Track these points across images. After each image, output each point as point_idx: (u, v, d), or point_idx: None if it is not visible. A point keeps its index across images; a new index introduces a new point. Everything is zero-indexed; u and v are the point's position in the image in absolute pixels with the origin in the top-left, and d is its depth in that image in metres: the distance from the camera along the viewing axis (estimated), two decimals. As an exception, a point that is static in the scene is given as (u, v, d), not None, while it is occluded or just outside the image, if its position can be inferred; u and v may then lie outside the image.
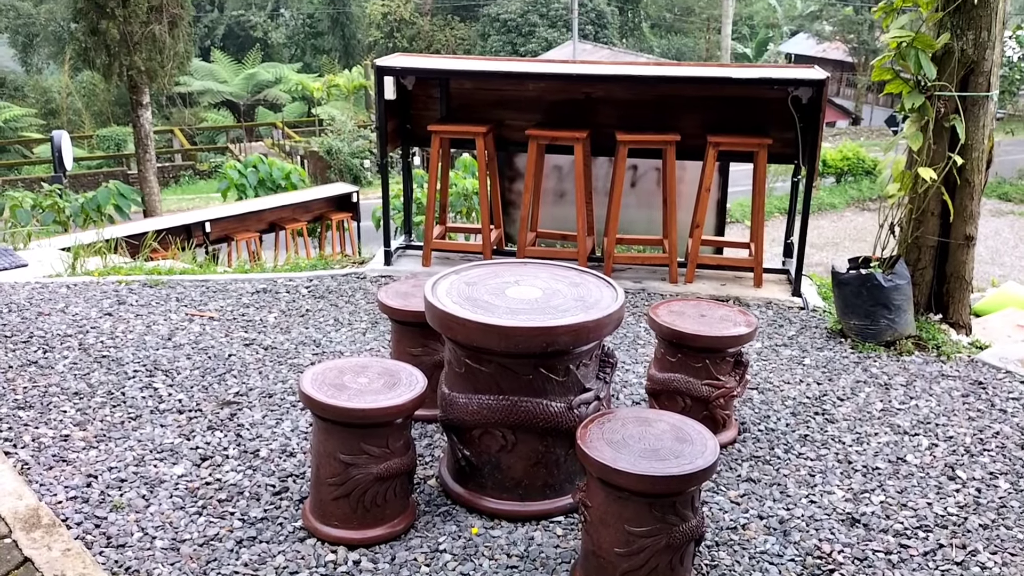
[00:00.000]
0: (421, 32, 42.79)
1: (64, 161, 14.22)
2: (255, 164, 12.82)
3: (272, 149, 30.41)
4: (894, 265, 4.23)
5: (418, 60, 5.68)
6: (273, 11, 43.91)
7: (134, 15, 12.28)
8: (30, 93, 34.95)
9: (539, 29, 39.28)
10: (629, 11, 46.97)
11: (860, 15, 33.02)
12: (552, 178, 6.31)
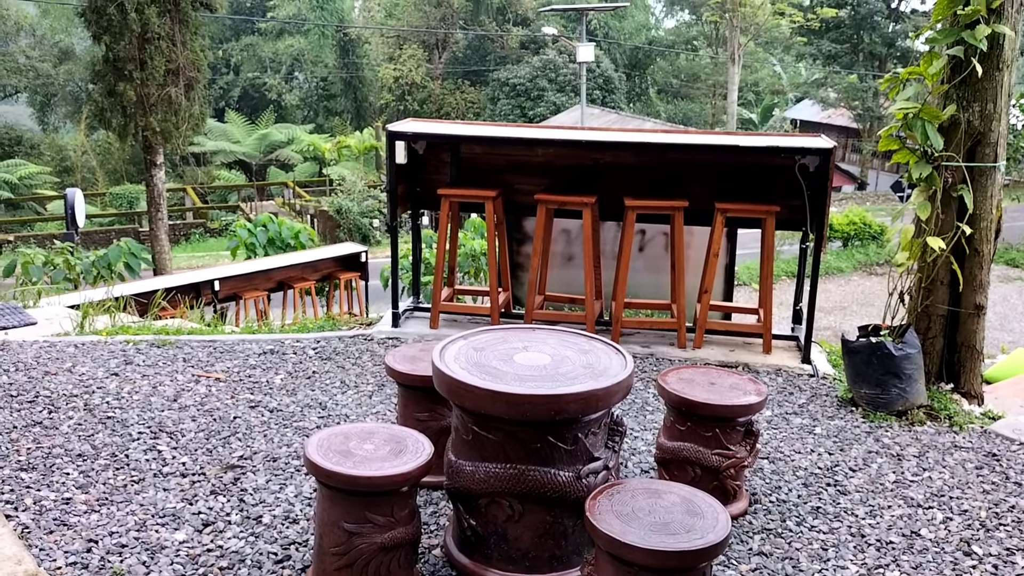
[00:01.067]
0: (432, 95, 43.58)
1: (76, 218, 14.39)
2: (265, 223, 12.94)
3: (283, 208, 30.74)
4: (904, 334, 4.21)
5: (429, 125, 5.76)
6: (288, 74, 44.82)
7: (151, 78, 12.56)
8: (46, 151, 35.55)
9: (548, 93, 39.95)
10: (636, 77, 47.84)
11: (864, 83, 33.54)
12: (560, 241, 6.34)
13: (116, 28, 12.38)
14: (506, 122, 39.86)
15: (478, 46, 44.92)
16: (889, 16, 35.40)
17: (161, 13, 12.67)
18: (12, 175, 29.98)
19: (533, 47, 42.43)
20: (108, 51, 12.54)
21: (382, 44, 44.65)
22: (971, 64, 4.00)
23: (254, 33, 45.38)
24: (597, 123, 35.35)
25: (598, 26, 44.30)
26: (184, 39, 13.02)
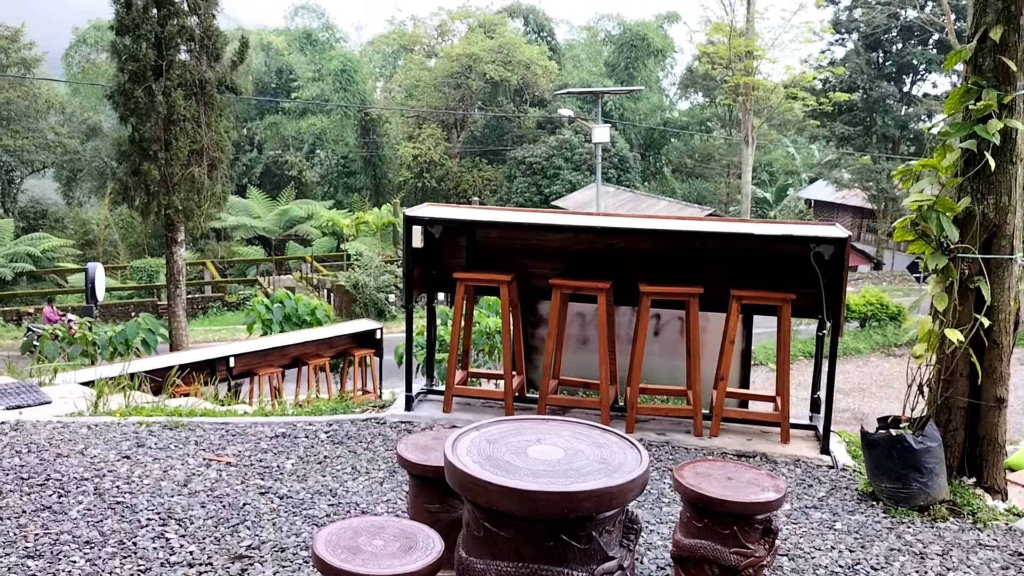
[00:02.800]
0: (450, 173, 44.34)
1: (96, 292, 14.54)
2: (282, 300, 13.02)
3: (300, 282, 31.00)
4: (924, 426, 4.14)
5: (445, 210, 5.84)
6: (310, 152, 45.79)
7: (175, 158, 12.86)
8: (70, 224, 36.23)
9: (563, 172, 40.54)
10: (651, 156, 48.55)
11: (878, 164, 33.84)
12: (575, 325, 6.33)
13: (143, 110, 12.75)
14: (522, 199, 40.41)
15: (496, 126, 45.84)
16: (901, 100, 35.93)
17: (187, 96, 13.05)
18: (36, 248, 30.49)
19: (549, 127, 43.26)
20: (134, 132, 12.88)
21: (402, 123, 45.67)
22: (984, 158, 4.03)
23: (278, 112, 46.56)
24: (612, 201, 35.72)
25: (613, 107, 45.17)
26: (209, 121, 13.37)
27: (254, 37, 46.93)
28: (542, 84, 44.31)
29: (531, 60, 43.65)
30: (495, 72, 42.47)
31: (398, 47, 49.58)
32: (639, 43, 49.12)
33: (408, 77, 46.14)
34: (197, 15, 13.37)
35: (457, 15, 48.19)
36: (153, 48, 12.97)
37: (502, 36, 44.47)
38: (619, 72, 48.84)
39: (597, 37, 55.58)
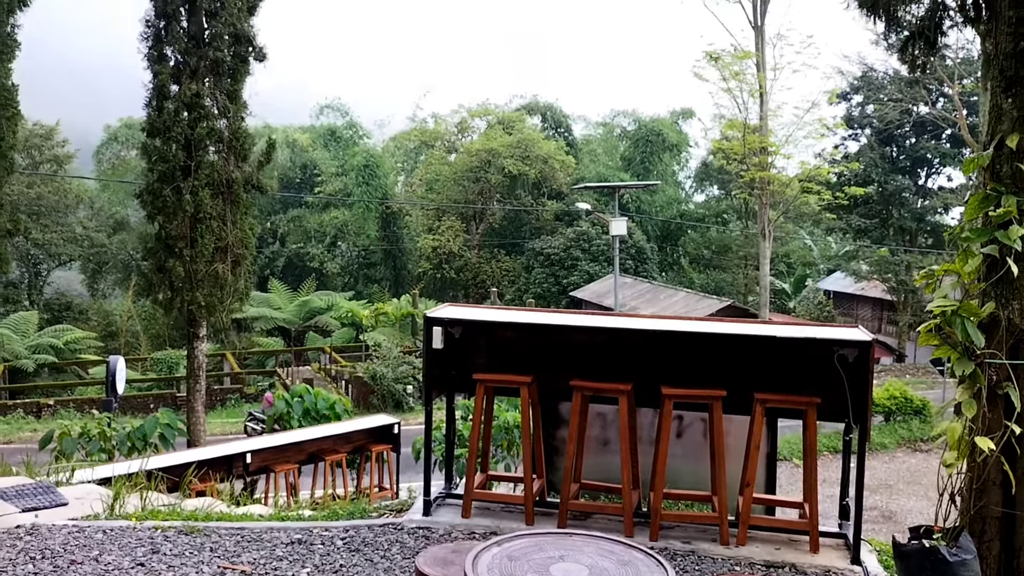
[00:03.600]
0: (468, 264, 44.79)
1: (116, 386, 14.58)
2: (301, 394, 13.01)
3: (319, 373, 31.02)
4: (958, 537, 4.00)
5: (466, 311, 5.86)
6: (331, 244, 46.50)
7: (200, 255, 13.09)
8: (93, 316, 36.67)
9: (581, 263, 40.86)
10: (668, 247, 48.91)
11: (895, 256, 33.84)
12: (596, 426, 6.25)
13: (171, 209, 13.07)
14: (540, 290, 40.61)
15: (514, 218, 46.50)
16: (917, 192, 36.18)
17: (214, 195, 13.38)
18: (59, 340, 30.80)
19: (567, 219, 43.83)
20: (161, 230, 13.17)
21: (422, 216, 46.46)
22: (1007, 264, 4.02)
23: (301, 206, 47.52)
24: (630, 292, 35.82)
25: (630, 199, 45.80)
26: (235, 218, 13.67)
27: (280, 134, 48.39)
28: (560, 178, 45.12)
29: (549, 155, 44.57)
30: (514, 166, 43.34)
31: (420, 143, 50.83)
32: (654, 138, 50.14)
33: (429, 171, 47.15)
34: (227, 117, 13.83)
35: (477, 112, 49.52)
36: (183, 149, 13.38)
37: (520, 132, 45.55)
38: (635, 166, 49.71)
39: (613, 132, 56.80)
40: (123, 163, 44.55)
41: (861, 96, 36.34)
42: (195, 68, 13.65)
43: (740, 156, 24.32)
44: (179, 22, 13.83)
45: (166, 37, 13.74)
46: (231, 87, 14.01)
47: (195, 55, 13.69)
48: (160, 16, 13.75)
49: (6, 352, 29.06)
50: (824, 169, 25.21)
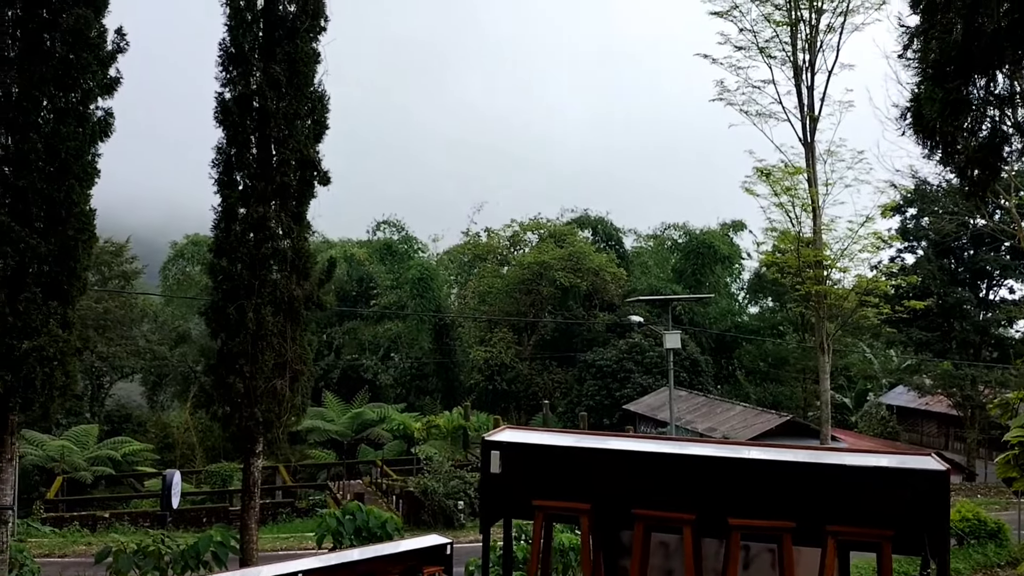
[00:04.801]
0: (520, 376, 44.67)
1: (172, 501, 14.66)
2: (353, 511, 12.91)
3: (369, 488, 30.76)
4: None
5: (524, 435, 5.84)
6: (385, 355, 46.95)
7: (260, 372, 13.32)
8: (151, 428, 37.22)
9: (634, 375, 40.46)
10: (723, 360, 48.24)
11: (960, 370, 32.83)
12: (658, 555, 6.07)
13: (234, 327, 13.40)
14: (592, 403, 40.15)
15: (566, 329, 46.57)
16: (978, 305, 35.40)
17: (275, 312, 13.71)
18: (117, 452, 31.24)
19: (619, 331, 43.70)
20: (224, 347, 13.49)
21: (474, 328, 46.80)
22: (1086, 395, 3.90)
23: (356, 318, 48.32)
24: (685, 406, 35.20)
25: (683, 311, 45.61)
26: (294, 335, 13.95)
27: (338, 249, 49.78)
28: (611, 290, 45.30)
29: (600, 267, 44.92)
30: (565, 279, 43.71)
31: (472, 256, 51.74)
32: (705, 251, 50.31)
33: (481, 284, 47.78)
34: (290, 238, 14.30)
35: (529, 227, 50.45)
36: (247, 268, 13.82)
37: (572, 245, 46.14)
38: (687, 278, 49.74)
39: (664, 245, 57.19)
40: (187, 278, 46.08)
41: (916, 208, 36.18)
42: (262, 192, 14.24)
43: (794, 269, 24.20)
44: (249, 149, 14.52)
45: (236, 163, 14.41)
46: (295, 209, 14.54)
47: (262, 180, 14.30)
48: (231, 144, 14.46)
49: (66, 464, 29.51)
50: (881, 282, 24.89)
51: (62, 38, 12.48)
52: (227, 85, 14.95)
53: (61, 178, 12.29)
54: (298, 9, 15.02)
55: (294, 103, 14.87)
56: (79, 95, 12.70)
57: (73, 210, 12.39)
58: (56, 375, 11.94)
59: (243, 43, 14.79)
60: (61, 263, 12.24)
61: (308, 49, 15.12)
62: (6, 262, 11.85)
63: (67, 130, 12.37)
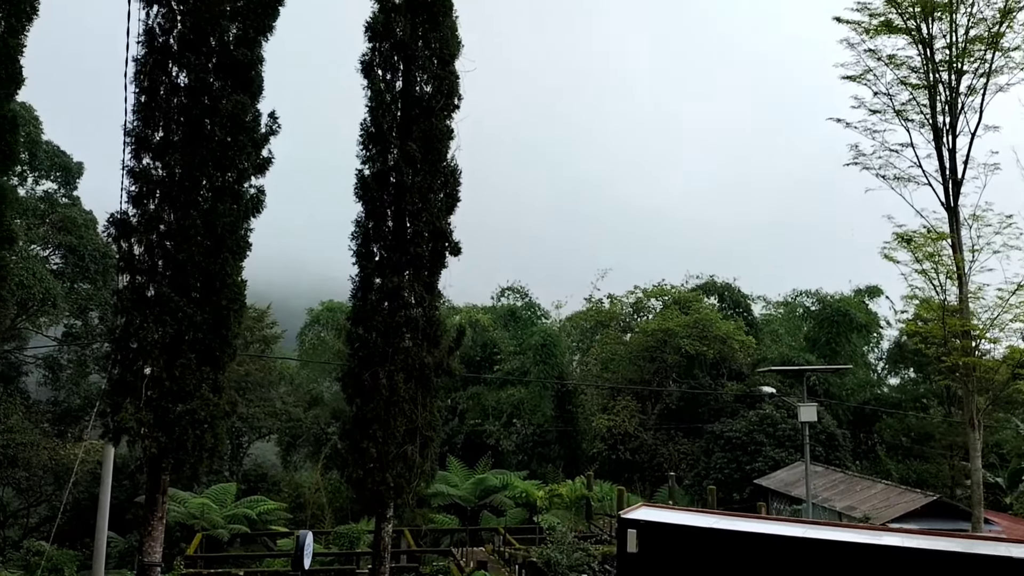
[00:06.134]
0: (644, 445, 43.75)
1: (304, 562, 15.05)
2: (480, 581, 12.90)
3: (492, 556, 30.59)
4: None
5: (662, 514, 5.75)
6: (507, 421, 47.10)
7: (392, 437, 13.72)
8: (285, 488, 38.51)
9: (765, 448, 38.93)
10: (861, 434, 45.80)
11: None
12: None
13: (368, 393, 13.91)
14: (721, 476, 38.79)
15: (692, 398, 45.46)
16: None
17: (407, 379, 14.14)
18: (253, 511, 32.39)
19: (749, 401, 42.31)
20: (358, 412, 13.99)
21: (597, 395, 46.38)
22: None
23: (480, 384, 48.84)
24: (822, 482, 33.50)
25: (817, 382, 43.80)
26: (424, 401, 14.32)
27: (464, 315, 50.77)
28: (740, 358, 44.05)
29: (728, 335, 43.85)
30: (691, 346, 42.86)
31: (595, 323, 51.58)
32: (840, 318, 48.34)
33: (604, 351, 47.45)
34: (422, 307, 14.82)
35: (652, 293, 49.98)
36: (382, 336, 14.39)
37: (697, 312, 45.32)
38: (820, 347, 47.82)
39: (795, 312, 55.36)
40: (322, 343, 47.96)
41: (1073, 274, 33.71)
42: (397, 263, 14.86)
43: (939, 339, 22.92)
44: (385, 222, 15.26)
45: (373, 236, 15.15)
46: (428, 279, 15.08)
47: (397, 251, 14.95)
48: (369, 217, 15.22)
49: (205, 521, 30.83)
50: (1036, 353, 23.18)
51: (221, 123, 13.53)
52: (367, 162, 15.80)
53: (216, 251, 13.20)
54: (434, 89, 15.79)
55: (428, 178, 15.54)
56: (235, 175, 13.70)
57: (226, 281, 13.25)
58: (206, 437, 12.64)
59: (382, 123, 15.62)
60: (214, 331, 13.06)
61: (442, 126, 15.83)
62: (165, 330, 12.74)
63: (223, 207, 13.33)
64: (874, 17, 23.68)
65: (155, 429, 12.42)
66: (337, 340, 42.07)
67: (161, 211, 13.31)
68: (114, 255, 33.88)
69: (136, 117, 13.39)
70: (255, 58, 13.93)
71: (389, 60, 15.99)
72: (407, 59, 15.93)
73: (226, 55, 13.69)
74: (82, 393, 35.81)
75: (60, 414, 36.04)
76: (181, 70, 13.59)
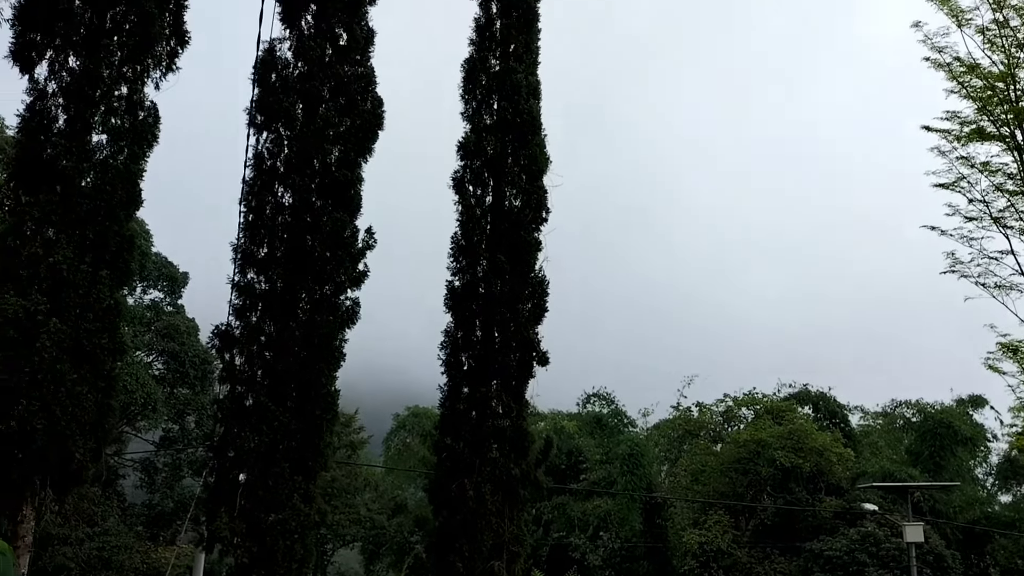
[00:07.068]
0: (738, 563, 41.75)
1: None
2: None
3: None
4: None
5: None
6: (594, 533, 45.81)
7: (478, 552, 13.56)
8: (367, 599, 38.10)
9: (869, 569, 36.75)
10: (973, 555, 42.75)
11: None
12: None
13: (454, 504, 13.87)
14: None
15: (787, 514, 43.41)
16: None
17: (494, 491, 14.07)
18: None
19: (849, 517, 40.19)
20: (444, 524, 13.94)
21: (687, 508, 44.81)
22: None
23: (565, 494, 47.89)
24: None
25: (922, 498, 41.37)
26: (511, 514, 14.17)
27: (548, 422, 50.29)
28: (837, 472, 42.11)
29: (824, 447, 42.11)
30: (785, 458, 41.25)
31: (684, 432, 50.35)
32: (943, 431, 45.95)
33: (694, 462, 46.11)
34: (510, 417, 14.87)
35: (743, 402, 48.68)
36: (469, 447, 14.45)
37: (791, 423, 43.80)
38: (923, 460, 45.40)
39: (895, 424, 52.94)
40: (407, 448, 48.14)
41: None
42: (485, 372, 15.04)
43: (1056, 457, 21.56)
44: (473, 332, 15.55)
45: (462, 345, 15.43)
46: (515, 388, 15.18)
47: (485, 361, 15.15)
48: (459, 327, 15.55)
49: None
50: None
51: (321, 239, 14.20)
52: (456, 273, 16.26)
53: (313, 362, 13.63)
54: (522, 203, 16.28)
55: (516, 288, 15.84)
56: (332, 287, 14.25)
57: (320, 391, 13.62)
58: (296, 548, 12.75)
59: (472, 235, 16.13)
60: (308, 440, 13.35)
61: (530, 238, 16.24)
62: (261, 439, 13.09)
63: (320, 319, 13.84)
64: (965, 125, 23.45)
65: (247, 539, 12.60)
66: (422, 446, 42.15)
67: (262, 323, 13.89)
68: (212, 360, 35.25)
69: (244, 235, 14.19)
70: (355, 178, 14.68)
71: (480, 176, 16.63)
72: (497, 175, 16.53)
73: (328, 175, 14.49)
74: (175, 496, 36.63)
75: (154, 517, 36.85)
76: (286, 190, 14.42)
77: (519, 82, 16.67)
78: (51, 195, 12.42)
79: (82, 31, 13.18)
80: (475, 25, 17.40)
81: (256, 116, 14.80)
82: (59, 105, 12.97)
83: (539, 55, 17.52)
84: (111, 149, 13.15)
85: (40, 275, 11.98)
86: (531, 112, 16.80)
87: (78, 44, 13.12)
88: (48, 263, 12.01)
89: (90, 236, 12.54)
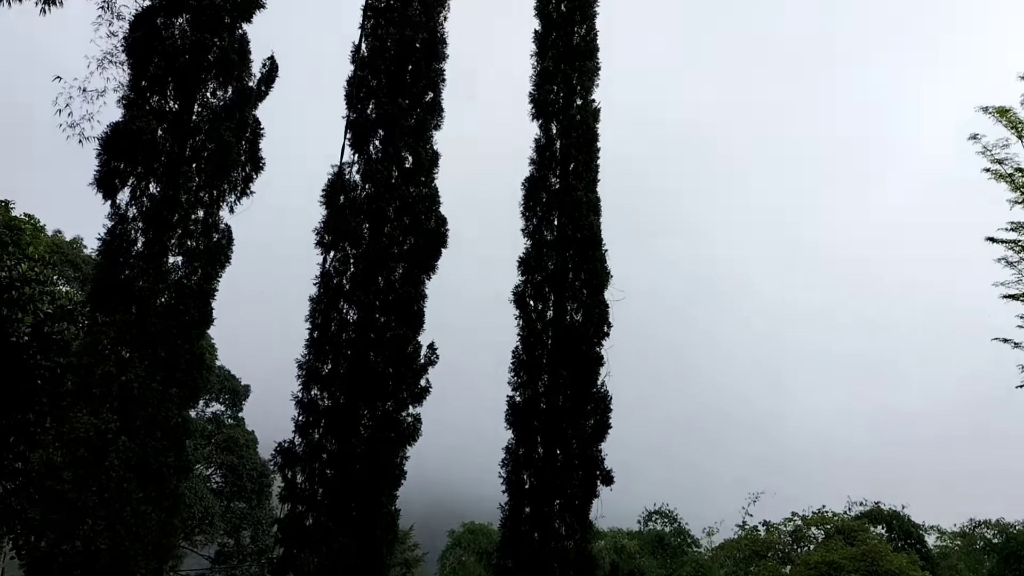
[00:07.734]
0: None
1: None
2: None
3: None
4: None
5: None
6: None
7: None
8: None
9: None
10: None
11: None
12: None
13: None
14: None
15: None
16: None
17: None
18: None
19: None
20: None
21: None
22: None
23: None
24: None
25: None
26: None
27: (608, 540, 48.58)
28: None
29: (900, 569, 39.65)
30: (859, 582, 39.00)
31: (750, 552, 48.10)
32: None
33: (762, 586, 43.84)
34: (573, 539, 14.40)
35: (813, 521, 46.50)
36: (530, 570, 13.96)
37: (864, 543, 41.57)
38: (1010, 585, 42.42)
39: (974, 545, 49.89)
40: (463, 567, 46.77)
41: None
42: (547, 491, 14.67)
43: None
44: (535, 449, 15.26)
45: (523, 462, 15.13)
46: (579, 508, 14.74)
47: (547, 479, 14.80)
48: (520, 444, 15.30)
49: None
50: None
51: (383, 355, 14.29)
52: (517, 389, 16.10)
53: (373, 480, 13.49)
54: (583, 318, 16.21)
55: (578, 404, 15.59)
56: (394, 404, 14.23)
57: (381, 510, 13.42)
58: (354, 674, 12.31)
59: (533, 350, 16.05)
60: (367, 561, 13.08)
61: (592, 353, 16.07)
62: (321, 560, 12.87)
63: (382, 436, 13.77)
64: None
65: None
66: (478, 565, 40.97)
67: (324, 440, 13.87)
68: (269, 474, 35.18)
69: (309, 351, 14.37)
70: (418, 294, 14.88)
71: (540, 291, 16.66)
72: (558, 290, 16.55)
73: (392, 292, 14.71)
74: (229, 614, 35.99)
75: (209, 636, 36.16)
76: (351, 306, 14.65)
77: (579, 199, 16.90)
78: (127, 315, 12.79)
79: (163, 159, 13.84)
80: (535, 145, 17.81)
81: (324, 236, 15.22)
82: (139, 229, 13.51)
83: (598, 172, 17.78)
84: (186, 270, 13.58)
85: (112, 393, 12.21)
86: (591, 227, 16.92)
87: (159, 171, 13.76)
88: (120, 381, 12.26)
89: (162, 354, 12.81)
